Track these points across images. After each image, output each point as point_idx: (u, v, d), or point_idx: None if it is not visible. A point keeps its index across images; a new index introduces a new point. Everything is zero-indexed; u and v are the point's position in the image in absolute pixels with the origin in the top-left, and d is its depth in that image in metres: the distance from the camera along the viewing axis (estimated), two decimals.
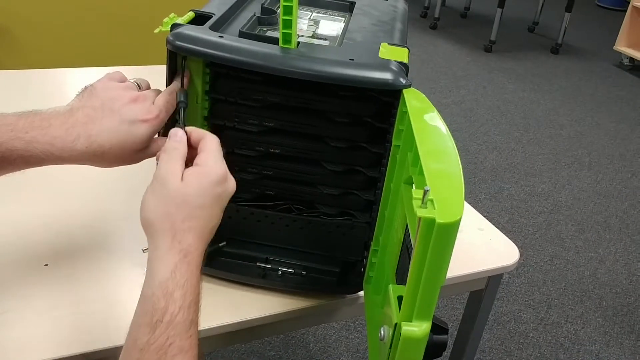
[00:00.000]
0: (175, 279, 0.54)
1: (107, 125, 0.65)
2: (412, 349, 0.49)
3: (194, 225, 0.57)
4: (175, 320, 0.52)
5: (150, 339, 0.51)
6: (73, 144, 0.64)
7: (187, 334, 0.52)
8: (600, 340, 1.89)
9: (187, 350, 0.52)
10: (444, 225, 0.45)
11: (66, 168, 1.04)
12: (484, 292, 0.99)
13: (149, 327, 0.51)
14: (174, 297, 0.53)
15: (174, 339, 0.51)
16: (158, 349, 0.50)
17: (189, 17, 0.74)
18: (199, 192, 0.58)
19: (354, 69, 0.67)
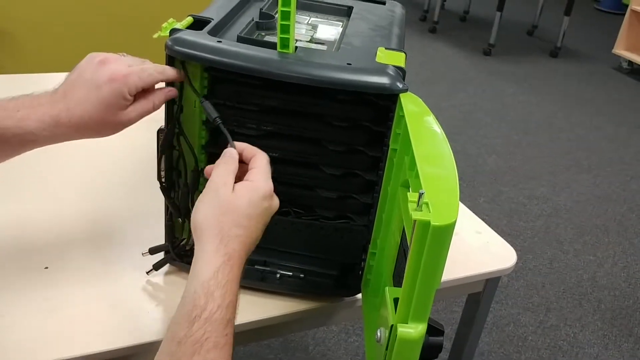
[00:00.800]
0: (217, 279, 0.57)
1: (79, 95, 0.68)
2: (408, 350, 0.49)
3: (240, 233, 0.61)
4: (213, 317, 0.55)
5: (188, 333, 0.53)
6: (59, 119, 0.68)
7: (223, 331, 0.55)
8: (598, 343, 1.90)
9: (222, 347, 0.54)
10: (439, 227, 0.45)
11: (65, 170, 1.04)
12: (482, 295, 0.99)
13: (188, 322, 0.54)
14: (214, 296, 0.55)
15: (210, 334, 0.54)
16: (194, 342, 0.53)
17: (188, 22, 0.75)
18: (249, 203, 0.62)
19: (351, 73, 0.68)
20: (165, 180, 0.78)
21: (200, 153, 0.78)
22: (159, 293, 0.81)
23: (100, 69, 0.69)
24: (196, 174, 0.78)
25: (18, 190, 0.99)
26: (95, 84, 0.68)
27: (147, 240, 0.83)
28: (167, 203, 0.79)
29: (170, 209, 0.80)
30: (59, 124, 0.68)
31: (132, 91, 0.69)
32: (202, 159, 0.79)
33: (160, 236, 0.82)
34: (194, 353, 0.53)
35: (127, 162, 1.09)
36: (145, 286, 0.82)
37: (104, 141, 1.13)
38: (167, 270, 0.84)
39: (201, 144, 0.78)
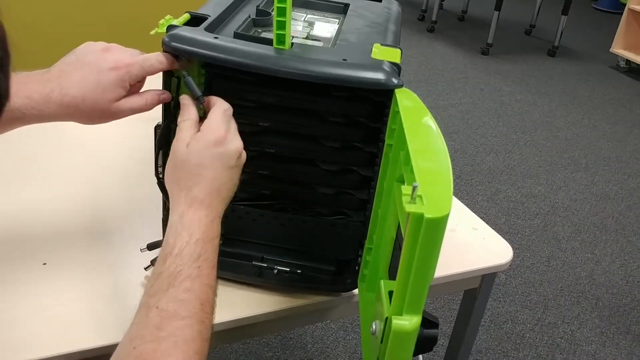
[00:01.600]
0: (182, 222, 0.62)
1: (77, 76, 0.69)
2: (402, 342, 0.50)
3: (196, 182, 0.64)
4: (183, 252, 0.59)
5: (162, 269, 0.59)
6: (49, 98, 0.68)
7: (194, 264, 0.59)
8: (596, 341, 1.90)
9: (194, 278, 0.58)
10: (432, 220, 0.46)
11: (63, 166, 1.05)
12: (478, 291, 0.99)
13: (162, 260, 0.60)
14: (181, 236, 0.61)
15: (182, 267, 0.58)
16: (168, 276, 0.58)
17: (185, 18, 0.76)
18: (198, 153, 0.65)
19: (346, 69, 0.68)
20: (162, 176, 0.78)
21: None
22: None
23: (103, 55, 0.70)
24: None
25: (16, 186, 0.99)
26: (97, 68, 0.69)
27: (145, 236, 0.83)
28: (165, 199, 0.80)
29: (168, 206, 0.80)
30: (49, 102, 0.68)
31: (132, 80, 0.70)
32: None
33: (158, 232, 0.82)
34: (169, 285, 0.57)
35: (125, 158, 1.09)
36: (144, 282, 0.82)
37: (102, 137, 1.14)
38: None
39: None
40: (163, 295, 0.57)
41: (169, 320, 0.55)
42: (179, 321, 0.55)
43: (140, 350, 0.53)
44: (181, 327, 0.55)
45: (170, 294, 0.57)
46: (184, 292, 0.57)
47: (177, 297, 0.57)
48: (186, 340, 0.55)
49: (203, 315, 0.58)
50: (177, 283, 0.57)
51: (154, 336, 0.54)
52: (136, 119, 0.79)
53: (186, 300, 0.57)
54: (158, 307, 0.56)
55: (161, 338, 0.54)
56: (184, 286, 0.58)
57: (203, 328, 0.57)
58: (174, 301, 0.56)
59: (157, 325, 0.55)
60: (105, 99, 0.69)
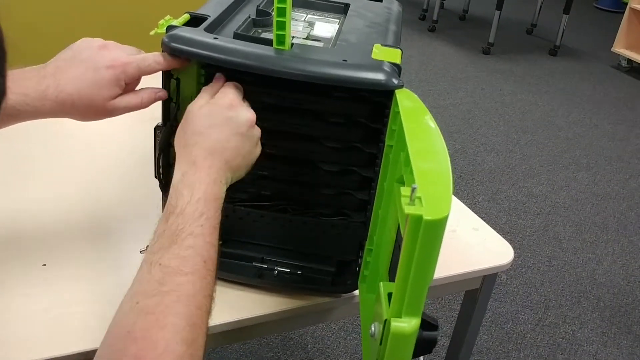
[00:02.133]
0: (184, 181, 0.62)
1: (74, 73, 0.68)
2: (401, 344, 0.50)
3: (200, 140, 0.65)
4: (185, 211, 0.60)
5: (165, 227, 0.59)
6: (44, 94, 0.68)
7: (196, 222, 0.60)
8: (597, 341, 1.90)
9: (196, 235, 0.59)
10: (431, 221, 0.45)
11: (63, 167, 1.05)
12: (479, 292, 0.99)
13: (164, 219, 0.60)
14: (183, 195, 0.61)
15: (183, 225, 0.59)
16: (171, 234, 0.58)
17: (184, 19, 0.75)
18: (208, 113, 0.67)
19: (346, 69, 0.68)
20: (163, 178, 0.78)
21: None
22: None
23: (100, 52, 0.70)
24: None
25: (16, 187, 0.99)
26: (93, 66, 0.69)
27: (145, 237, 0.82)
28: (165, 200, 0.79)
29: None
30: (45, 99, 0.68)
31: (128, 79, 0.70)
32: None
33: None
34: (171, 243, 0.58)
35: (125, 160, 1.09)
36: None
37: (101, 138, 1.14)
38: None
39: None
40: (165, 252, 0.57)
41: (172, 275, 0.56)
42: (181, 277, 0.56)
43: (143, 304, 0.54)
44: (184, 283, 0.56)
45: (173, 251, 0.57)
46: (186, 249, 0.58)
47: (179, 253, 0.57)
48: (188, 295, 0.55)
49: (205, 272, 0.58)
50: (179, 240, 0.58)
51: (156, 291, 0.54)
52: (136, 119, 0.80)
53: (188, 256, 0.57)
54: (161, 264, 0.56)
55: (164, 293, 0.54)
56: (186, 243, 0.58)
57: (205, 284, 0.57)
58: (176, 258, 0.57)
59: (160, 280, 0.55)
60: (100, 96, 0.69)
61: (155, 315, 0.53)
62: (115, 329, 0.54)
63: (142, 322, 0.52)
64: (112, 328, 0.54)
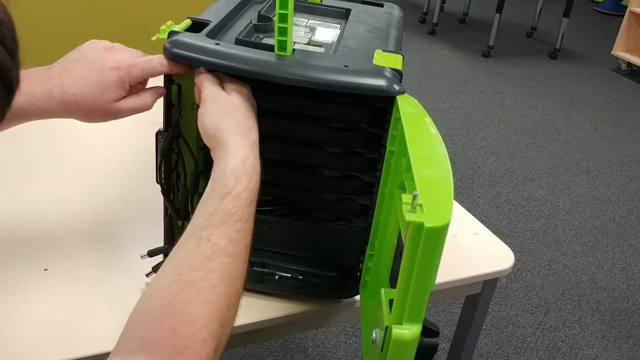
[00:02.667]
0: (244, 166, 0.62)
1: (79, 74, 0.69)
2: (402, 351, 0.50)
3: (251, 124, 0.66)
4: (241, 196, 0.61)
5: (219, 206, 0.59)
6: (49, 95, 0.68)
7: (248, 208, 0.61)
8: (597, 345, 1.90)
9: (246, 220, 0.60)
10: (433, 229, 0.46)
11: (64, 172, 1.05)
12: (480, 297, 0.99)
13: (219, 197, 0.60)
14: (242, 180, 0.61)
15: (237, 209, 0.60)
16: (224, 214, 0.59)
17: (186, 24, 0.76)
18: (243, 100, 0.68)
19: (348, 75, 0.68)
20: (164, 183, 0.78)
21: (199, 155, 0.79)
22: None
23: (106, 54, 0.70)
24: (195, 176, 0.79)
25: (17, 191, 0.99)
26: (98, 67, 0.69)
27: (147, 242, 0.83)
28: (167, 205, 0.80)
29: (170, 211, 0.80)
30: (50, 99, 0.68)
31: (132, 82, 0.71)
32: (201, 162, 0.79)
33: (159, 238, 0.82)
34: (223, 223, 0.58)
35: (127, 165, 1.09)
36: (144, 288, 0.82)
37: (103, 141, 1.14)
38: None
39: (200, 146, 0.78)
40: (216, 230, 0.58)
41: (219, 254, 0.57)
42: (227, 257, 0.57)
43: (187, 277, 0.54)
44: (228, 263, 0.57)
45: (224, 231, 0.58)
46: (235, 232, 0.59)
47: (229, 234, 0.58)
48: (230, 276, 0.56)
49: (246, 257, 0.60)
50: (231, 222, 0.59)
51: (203, 266, 0.55)
52: (137, 123, 0.80)
53: (236, 239, 0.58)
54: (209, 240, 0.57)
55: (210, 269, 0.55)
56: (236, 226, 0.59)
57: (245, 269, 0.59)
58: (225, 238, 0.58)
59: (208, 256, 0.56)
60: (104, 98, 0.70)
61: (198, 290, 0.53)
62: (155, 298, 0.54)
63: (184, 295, 0.52)
64: (151, 297, 0.54)
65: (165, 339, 0.49)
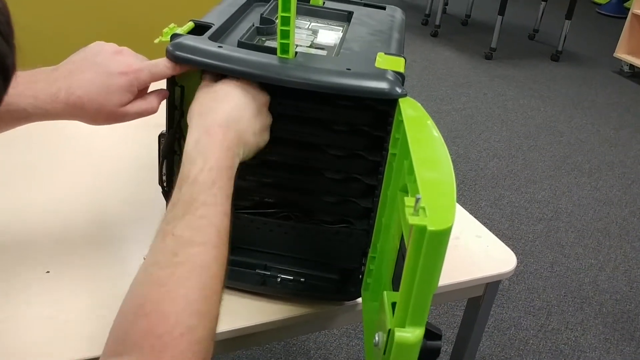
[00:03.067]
0: (197, 148, 0.61)
1: (86, 77, 0.68)
2: (405, 354, 0.50)
3: (215, 109, 0.65)
4: (198, 179, 0.59)
5: (179, 196, 0.59)
6: (55, 97, 0.67)
7: (209, 191, 0.59)
8: (600, 347, 1.90)
9: (210, 204, 0.58)
10: (436, 232, 0.46)
11: (67, 174, 1.05)
12: (482, 299, 0.99)
13: (178, 188, 0.60)
14: (196, 162, 0.60)
15: (197, 195, 0.58)
16: (184, 203, 0.58)
17: (189, 27, 0.76)
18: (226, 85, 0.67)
19: (350, 78, 0.68)
20: (166, 185, 0.78)
21: None
22: None
23: (114, 58, 0.70)
24: None
25: (19, 193, 0.99)
26: (106, 71, 0.69)
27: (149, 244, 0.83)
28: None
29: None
30: (55, 101, 0.67)
31: (140, 86, 0.70)
32: None
33: None
34: (185, 212, 0.57)
35: (129, 167, 1.09)
36: None
37: (105, 143, 1.14)
38: None
39: None
40: (179, 222, 0.57)
41: (185, 246, 0.55)
42: (194, 247, 0.56)
43: (155, 276, 0.54)
44: (197, 253, 0.55)
45: (186, 221, 0.57)
46: (199, 219, 0.57)
47: (192, 223, 0.57)
48: (202, 265, 0.55)
49: (219, 241, 0.58)
50: (192, 210, 0.57)
51: (169, 262, 0.54)
52: (139, 124, 0.80)
53: (202, 226, 0.57)
54: (174, 234, 0.56)
55: (177, 263, 0.54)
56: (199, 213, 0.57)
57: (219, 254, 0.57)
58: (189, 228, 0.57)
59: (173, 251, 0.55)
60: (112, 102, 0.69)
61: (167, 287, 0.53)
62: (128, 301, 0.54)
63: (154, 294, 0.52)
64: (126, 299, 0.54)
65: (143, 339, 0.50)
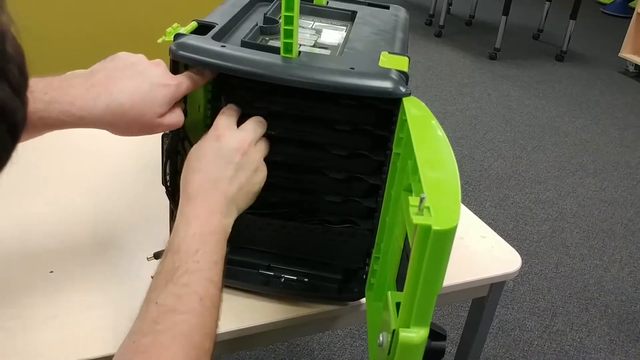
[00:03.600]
0: (181, 219, 0.63)
1: (129, 84, 0.67)
2: (410, 355, 0.49)
3: (194, 177, 0.66)
4: (180, 248, 0.60)
5: (163, 265, 0.60)
6: (94, 103, 0.65)
7: (191, 258, 0.59)
8: (605, 349, 1.89)
9: (192, 272, 0.59)
10: (440, 232, 0.45)
11: (70, 174, 1.05)
12: (487, 300, 0.99)
13: (164, 257, 0.61)
14: (179, 232, 0.62)
15: (179, 263, 0.59)
16: (167, 272, 0.59)
17: (192, 27, 0.76)
18: (199, 149, 0.68)
19: (354, 77, 0.68)
20: (170, 185, 0.78)
21: None
22: None
23: (155, 69, 0.69)
24: None
25: (23, 194, 0.99)
26: (150, 81, 0.67)
27: (152, 244, 0.83)
28: (172, 207, 0.80)
29: (175, 213, 0.80)
30: (93, 107, 0.65)
31: (178, 98, 0.69)
32: None
33: (165, 240, 0.82)
34: (167, 281, 0.58)
35: (133, 166, 1.09)
36: None
37: (110, 145, 1.14)
38: None
39: None
40: (162, 291, 0.57)
41: (167, 314, 0.56)
42: (176, 316, 0.56)
43: (138, 343, 0.54)
44: (178, 322, 0.55)
45: (169, 290, 0.57)
46: (181, 287, 0.58)
47: (174, 292, 0.57)
48: (184, 333, 0.55)
49: (202, 310, 0.57)
50: (175, 278, 0.58)
51: (151, 329, 0.55)
52: None
53: (184, 294, 0.57)
54: (157, 303, 0.57)
55: (158, 331, 0.55)
56: (181, 281, 0.58)
57: (202, 322, 0.57)
58: (171, 296, 0.57)
59: (155, 319, 0.55)
60: (152, 112, 0.67)
61: (149, 355, 0.53)
62: None
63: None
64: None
65: None
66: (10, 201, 0.97)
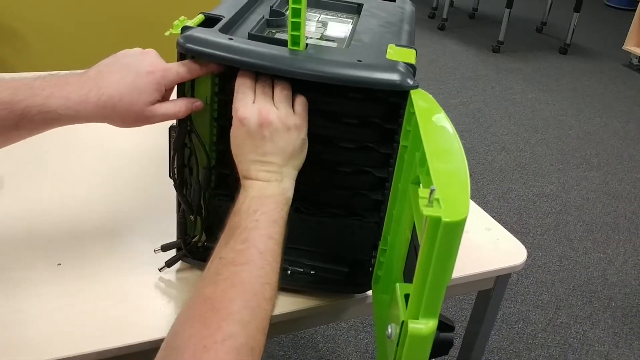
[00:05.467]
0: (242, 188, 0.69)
1: (115, 77, 0.70)
2: (418, 346, 0.50)
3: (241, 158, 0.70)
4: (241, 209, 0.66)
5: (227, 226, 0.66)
6: (86, 98, 0.69)
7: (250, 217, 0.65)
8: (609, 341, 1.89)
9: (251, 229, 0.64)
10: (450, 223, 0.45)
11: (78, 167, 1.05)
12: (492, 292, 0.99)
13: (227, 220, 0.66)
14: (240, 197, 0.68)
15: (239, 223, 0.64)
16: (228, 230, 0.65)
17: (199, 19, 0.75)
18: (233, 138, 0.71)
19: (361, 70, 0.68)
20: (177, 178, 0.78)
21: (212, 150, 0.79)
22: (170, 290, 0.82)
23: (142, 57, 0.71)
24: (208, 171, 0.79)
25: (31, 187, 1.00)
26: (134, 70, 0.70)
27: (159, 237, 0.83)
28: (180, 200, 0.80)
29: (183, 206, 0.80)
30: (86, 102, 0.68)
31: (168, 85, 0.71)
32: (213, 156, 0.79)
33: (172, 233, 0.83)
34: (229, 239, 0.63)
35: (140, 160, 1.10)
36: (158, 283, 0.82)
37: (117, 138, 1.14)
38: (179, 267, 0.85)
39: (212, 141, 0.79)
40: (224, 247, 0.63)
41: (227, 266, 0.61)
42: (236, 266, 0.61)
43: (202, 292, 0.59)
44: (237, 272, 0.60)
45: (230, 246, 0.63)
46: (241, 243, 0.62)
47: (235, 247, 0.62)
48: (243, 282, 0.59)
49: (262, 262, 0.62)
50: (235, 235, 0.63)
51: (213, 279, 0.60)
52: None
53: (243, 249, 0.62)
54: (221, 257, 0.62)
55: (219, 280, 0.59)
56: (241, 237, 0.63)
57: (262, 273, 0.61)
58: (232, 251, 0.62)
59: (217, 270, 0.61)
60: (141, 101, 0.69)
61: (212, 300, 0.58)
62: (181, 313, 0.59)
63: (201, 307, 0.58)
64: (180, 314, 0.59)
65: (186, 343, 0.54)
66: (18, 195, 0.97)
